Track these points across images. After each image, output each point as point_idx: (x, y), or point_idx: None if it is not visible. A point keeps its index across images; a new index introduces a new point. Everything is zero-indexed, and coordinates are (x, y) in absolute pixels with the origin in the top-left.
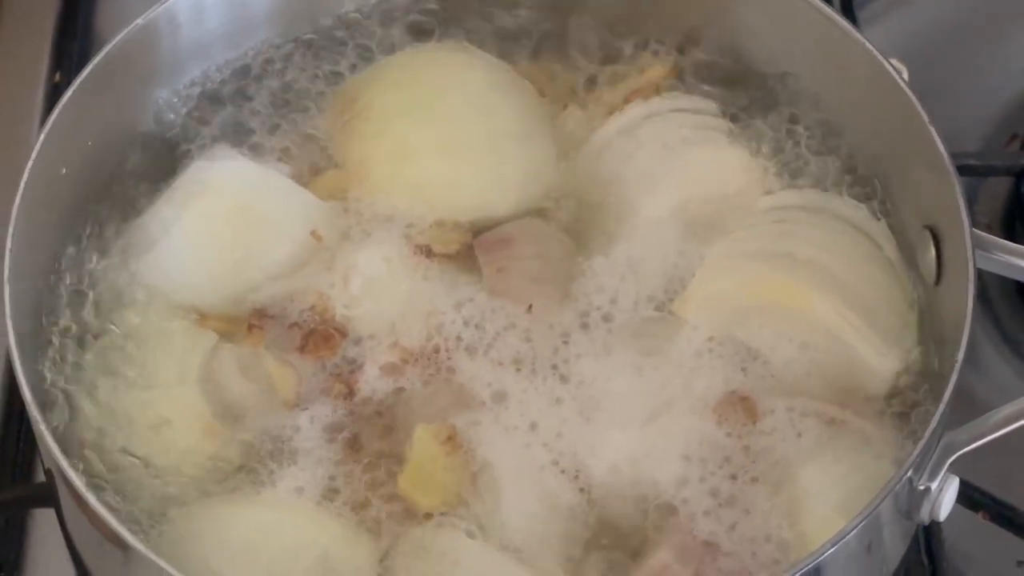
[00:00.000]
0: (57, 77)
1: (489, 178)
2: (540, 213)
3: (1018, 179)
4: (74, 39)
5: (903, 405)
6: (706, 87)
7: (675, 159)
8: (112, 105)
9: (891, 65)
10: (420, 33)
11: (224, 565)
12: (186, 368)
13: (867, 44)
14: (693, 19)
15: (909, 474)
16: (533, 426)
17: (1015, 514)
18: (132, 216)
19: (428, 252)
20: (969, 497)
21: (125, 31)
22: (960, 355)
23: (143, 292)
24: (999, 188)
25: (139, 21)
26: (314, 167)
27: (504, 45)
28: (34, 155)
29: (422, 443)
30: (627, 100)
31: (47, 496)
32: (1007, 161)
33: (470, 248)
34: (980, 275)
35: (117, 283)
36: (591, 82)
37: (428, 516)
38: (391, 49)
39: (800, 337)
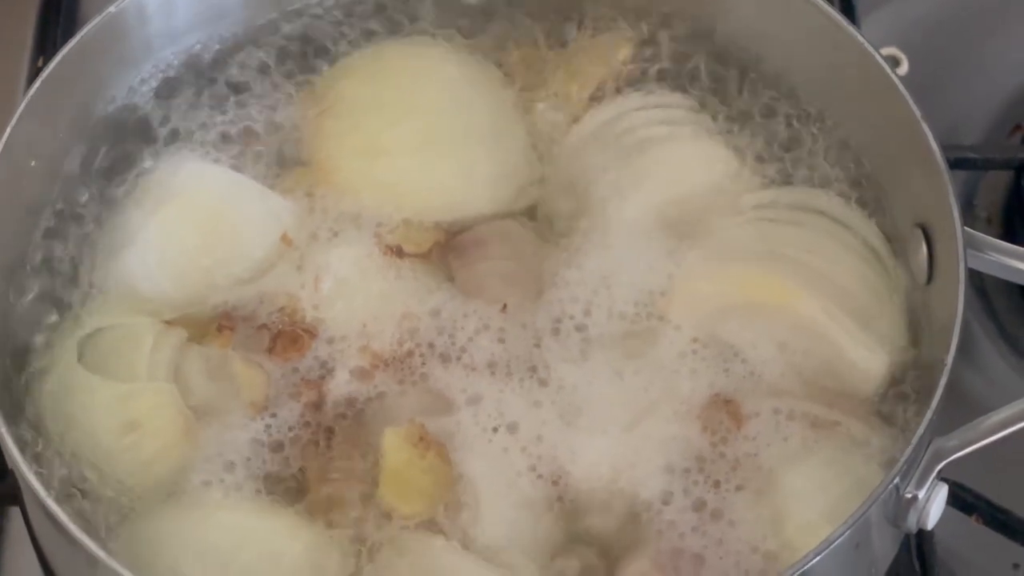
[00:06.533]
0: (40, 62)
1: (461, 176)
2: (514, 212)
3: (1018, 173)
4: (57, 24)
5: (893, 405)
6: (688, 79)
7: (654, 157)
8: (82, 95)
9: (884, 58)
10: (392, 25)
11: (194, 571)
12: (155, 367)
13: (858, 36)
14: (677, 10)
15: (896, 482)
16: (511, 430)
17: (1009, 517)
18: (102, 211)
19: (399, 252)
20: (962, 500)
21: (94, 20)
22: (949, 359)
23: (111, 295)
24: (999, 181)
25: (111, 9)
26: (282, 164)
27: (475, 30)
28: (0, 147)
29: (394, 447)
30: (598, 87)
31: (15, 494)
32: (1006, 154)
33: (442, 247)
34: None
35: (85, 285)
36: (569, 76)
37: (405, 522)
38: (362, 43)
39: (785, 336)
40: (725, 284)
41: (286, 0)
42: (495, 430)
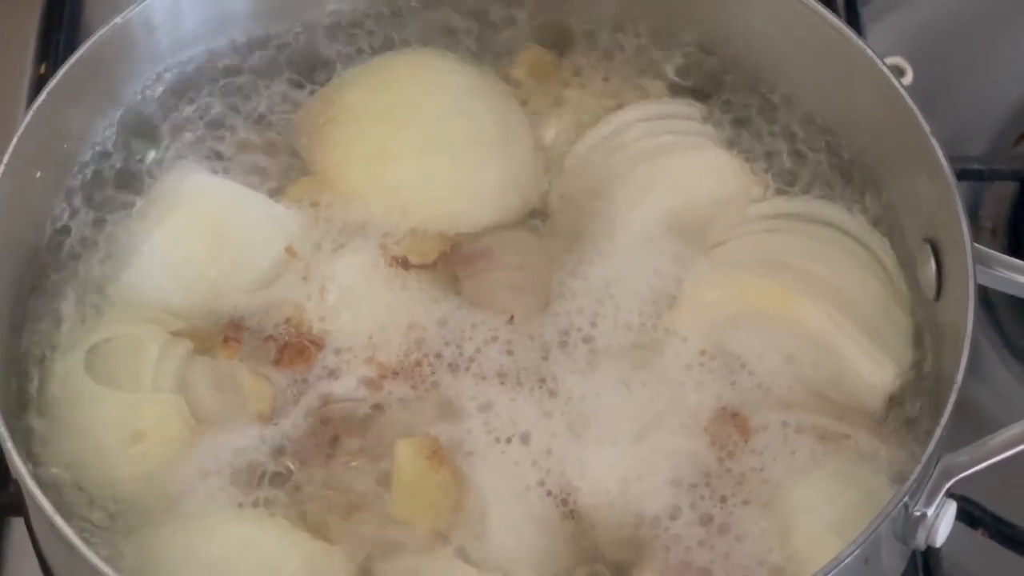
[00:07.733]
0: (42, 69)
1: (466, 185)
2: (520, 222)
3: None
4: (60, 30)
5: (901, 419)
6: (696, 90)
7: (661, 166)
8: (87, 106)
9: (892, 70)
10: (400, 38)
11: None
12: (160, 378)
13: (868, 50)
14: (684, 21)
15: (905, 499)
16: (522, 442)
17: (1015, 531)
18: (107, 222)
19: (405, 263)
20: (968, 514)
21: (101, 31)
22: (959, 377)
23: (116, 306)
24: (1005, 191)
25: (118, 20)
26: (288, 173)
27: (487, 49)
28: (6, 158)
29: (407, 459)
30: (607, 102)
31: (19, 505)
32: (1012, 165)
33: (448, 258)
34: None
35: (91, 295)
36: (576, 88)
37: (412, 534)
38: (369, 55)
39: (793, 348)
40: (732, 293)
41: (292, 11)
42: (508, 440)
